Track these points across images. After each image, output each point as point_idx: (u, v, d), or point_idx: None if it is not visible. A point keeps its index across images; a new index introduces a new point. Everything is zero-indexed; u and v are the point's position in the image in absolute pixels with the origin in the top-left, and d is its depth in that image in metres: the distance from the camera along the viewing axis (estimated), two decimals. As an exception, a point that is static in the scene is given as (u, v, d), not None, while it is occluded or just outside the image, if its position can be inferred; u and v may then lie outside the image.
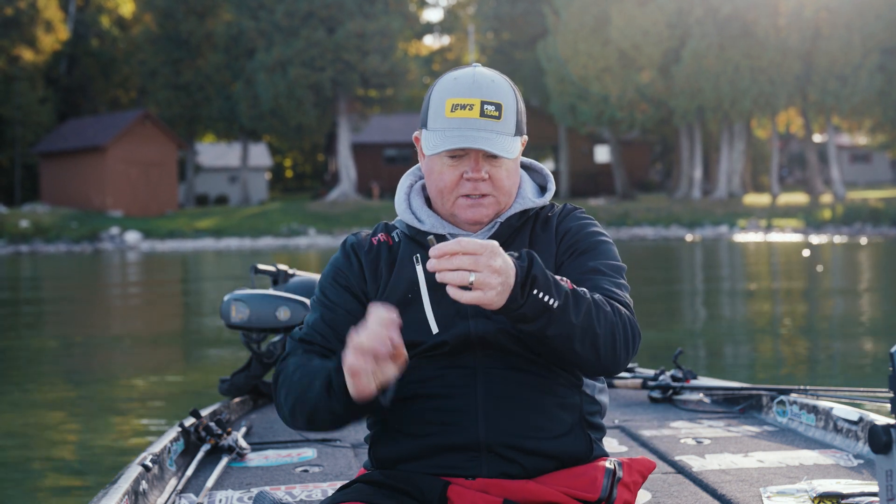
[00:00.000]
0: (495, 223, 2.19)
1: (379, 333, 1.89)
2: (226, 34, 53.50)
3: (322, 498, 2.70)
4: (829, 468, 2.87)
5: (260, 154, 65.72)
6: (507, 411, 2.10)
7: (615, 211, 46.71)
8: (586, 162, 62.66)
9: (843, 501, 2.48)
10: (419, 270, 2.13)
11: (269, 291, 4.03)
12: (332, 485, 2.87)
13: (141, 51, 56.59)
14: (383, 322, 1.90)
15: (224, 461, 3.09)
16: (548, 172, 2.32)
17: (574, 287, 1.97)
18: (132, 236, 43.90)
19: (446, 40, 74.00)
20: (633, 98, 49.59)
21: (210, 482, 2.86)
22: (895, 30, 46.20)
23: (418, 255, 2.14)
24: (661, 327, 11.60)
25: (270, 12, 51.85)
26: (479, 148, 2.07)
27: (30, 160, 56.76)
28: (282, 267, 4.31)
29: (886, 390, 3.09)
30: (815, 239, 36.24)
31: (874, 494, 2.44)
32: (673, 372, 4.03)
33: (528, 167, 2.34)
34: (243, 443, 3.24)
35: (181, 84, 54.79)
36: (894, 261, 24.47)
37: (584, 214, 2.27)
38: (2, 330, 14.07)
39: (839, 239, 35.92)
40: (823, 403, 3.31)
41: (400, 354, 1.92)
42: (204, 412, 3.48)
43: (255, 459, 3.21)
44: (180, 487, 2.82)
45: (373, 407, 2.00)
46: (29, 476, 5.77)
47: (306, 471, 3.05)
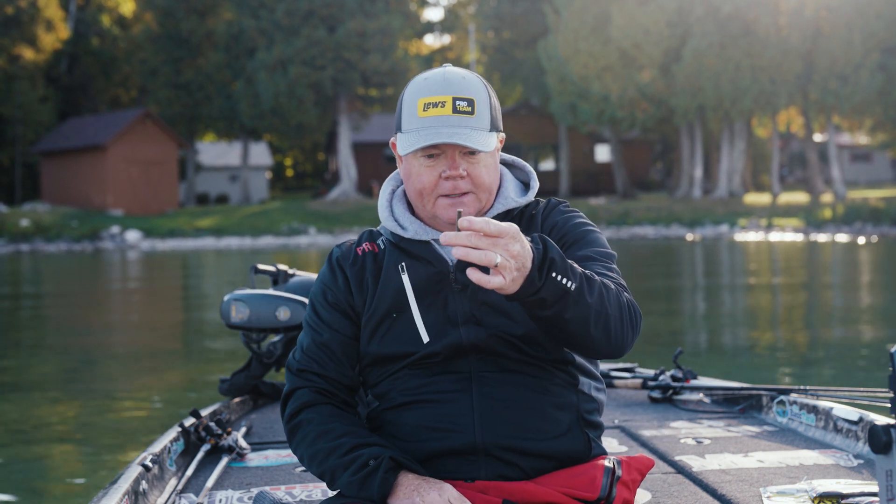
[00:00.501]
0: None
1: None
2: (226, 33, 53.50)
3: (322, 498, 2.70)
4: (829, 468, 2.86)
5: (260, 153, 65.72)
6: (504, 414, 2.10)
7: (616, 210, 46.70)
8: (587, 161, 62.65)
9: (843, 501, 2.48)
10: (405, 280, 2.13)
11: (269, 291, 4.03)
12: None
13: (141, 50, 56.60)
14: None
15: (224, 461, 3.08)
16: (530, 169, 2.29)
17: (584, 270, 1.96)
18: (133, 235, 43.90)
19: (447, 39, 74.02)
20: (634, 97, 49.58)
21: (210, 482, 2.85)
22: (895, 29, 46.19)
23: (403, 264, 2.14)
24: (662, 327, 11.60)
25: (271, 11, 51.84)
26: (454, 143, 2.04)
27: (30, 159, 56.78)
28: (282, 267, 4.30)
29: (886, 390, 3.09)
30: (816, 238, 36.24)
31: (874, 494, 2.44)
32: (673, 372, 4.02)
33: (511, 164, 2.31)
34: (243, 443, 3.23)
35: (182, 83, 54.80)
36: (894, 260, 24.46)
37: (569, 208, 2.25)
38: (1, 330, 14.07)
39: (840, 238, 35.90)
40: (823, 403, 3.30)
41: None
42: (204, 412, 3.48)
43: (255, 459, 3.20)
44: (180, 487, 2.82)
45: None
46: (29, 476, 5.77)
47: (306, 471, 3.04)
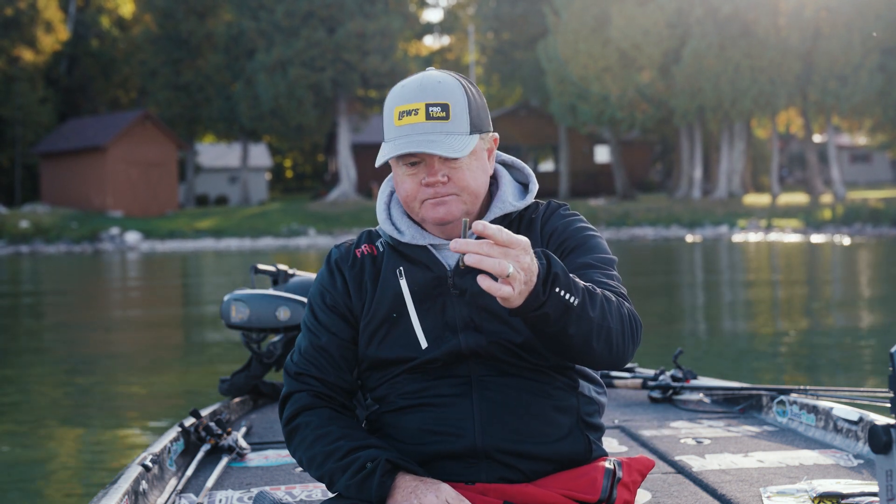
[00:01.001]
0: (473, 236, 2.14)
1: None
2: (226, 34, 53.51)
3: (322, 498, 2.70)
4: (829, 468, 2.87)
5: (260, 154, 65.73)
6: (504, 418, 2.10)
7: (615, 211, 46.70)
8: (586, 162, 62.65)
9: (843, 501, 2.48)
10: (403, 284, 2.12)
11: (269, 291, 4.03)
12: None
13: (141, 51, 56.60)
14: None
15: (224, 461, 3.08)
16: (529, 171, 2.27)
17: (585, 283, 1.94)
18: (132, 236, 43.89)
19: (446, 40, 73.99)
20: (634, 98, 49.58)
21: (210, 482, 2.85)
22: (895, 30, 46.19)
23: (401, 269, 2.14)
24: (662, 327, 11.60)
25: (270, 12, 51.84)
26: (423, 151, 2.03)
27: (30, 160, 56.76)
28: (282, 267, 4.30)
29: (886, 390, 3.09)
30: (816, 238, 36.24)
31: (874, 494, 2.44)
32: (673, 372, 4.02)
33: (510, 165, 2.29)
34: (243, 443, 3.24)
35: (181, 84, 54.80)
36: (894, 261, 24.46)
37: (569, 211, 2.23)
38: (1, 330, 14.07)
39: (839, 239, 35.91)
40: (823, 403, 3.31)
41: None
42: (204, 412, 3.48)
43: (255, 459, 3.20)
44: (180, 487, 2.82)
45: None
46: (29, 476, 5.77)
47: (305, 471, 3.04)
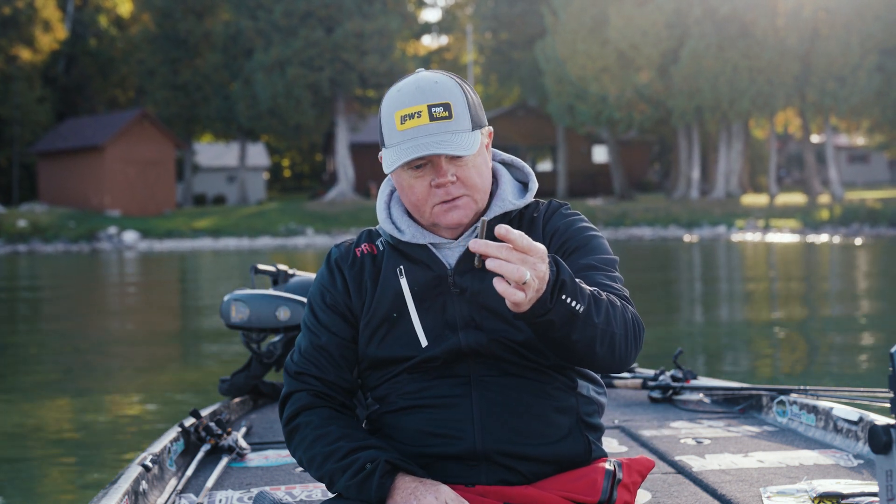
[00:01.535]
0: (475, 227, 2.14)
1: None
2: (224, 34, 53.49)
3: (322, 498, 2.70)
4: (829, 468, 2.87)
5: (258, 154, 65.71)
6: (503, 419, 2.09)
7: (613, 211, 46.72)
8: (584, 162, 62.67)
9: (843, 501, 2.48)
10: (404, 283, 2.13)
11: (269, 291, 4.03)
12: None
13: (139, 50, 56.59)
14: None
15: (224, 461, 3.08)
16: (529, 170, 2.26)
17: (591, 288, 1.94)
18: (130, 236, 43.88)
19: (444, 40, 73.97)
20: (632, 98, 49.60)
21: (210, 482, 2.85)
22: (893, 30, 46.23)
23: (402, 268, 2.14)
24: (661, 327, 11.60)
25: (269, 12, 51.83)
26: (435, 153, 2.03)
27: (28, 160, 56.73)
28: (282, 267, 4.30)
29: (886, 390, 3.09)
30: (814, 239, 36.27)
31: (874, 494, 2.44)
32: (673, 372, 4.02)
33: (509, 164, 2.28)
34: (243, 443, 3.23)
35: (179, 84, 54.77)
36: (893, 261, 24.48)
37: (571, 210, 2.23)
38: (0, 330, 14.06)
39: (837, 239, 35.94)
40: (823, 403, 3.31)
41: None
42: (204, 412, 3.48)
43: (255, 459, 3.20)
44: (180, 487, 2.82)
45: None
46: (29, 476, 5.76)
47: (306, 471, 3.04)
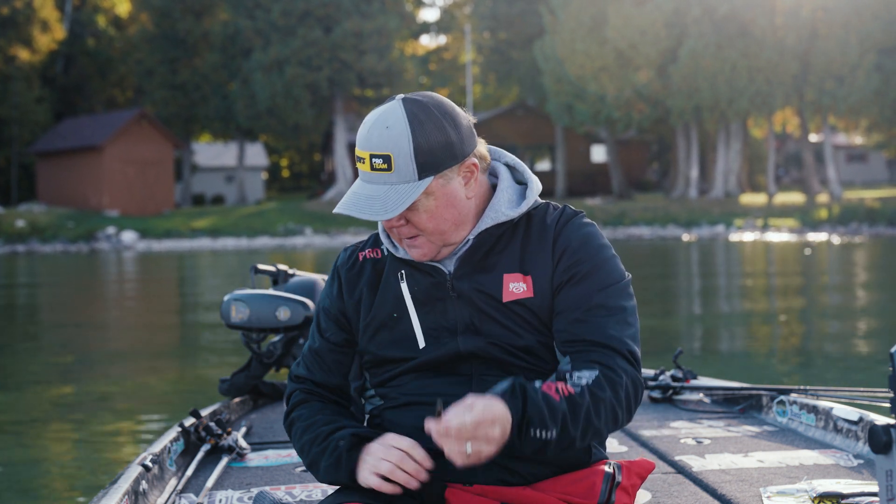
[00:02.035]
0: (467, 241, 2.13)
1: (399, 469, 2.00)
2: (222, 33, 53.48)
3: (322, 498, 2.70)
4: (829, 468, 2.87)
5: (256, 153, 65.69)
6: None
7: (612, 210, 46.73)
8: (583, 161, 62.67)
9: (843, 501, 2.48)
10: (404, 288, 2.14)
11: (269, 291, 4.03)
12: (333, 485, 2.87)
13: (137, 50, 56.57)
14: (402, 457, 2.00)
15: (224, 461, 3.08)
16: (529, 176, 2.22)
17: (570, 393, 1.95)
18: (129, 236, 43.86)
19: (443, 40, 73.97)
20: (630, 98, 49.61)
21: (210, 482, 2.85)
22: (892, 30, 46.25)
23: (402, 272, 2.15)
24: (661, 327, 11.60)
25: (267, 11, 51.83)
26: (354, 215, 2.06)
27: (26, 160, 56.72)
28: (282, 267, 4.30)
29: (886, 390, 3.09)
30: (812, 238, 36.29)
31: (874, 494, 2.44)
32: (673, 372, 4.02)
33: (513, 168, 2.25)
34: (243, 443, 3.23)
35: (178, 83, 54.76)
36: (891, 260, 24.50)
37: (585, 222, 2.18)
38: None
39: (836, 239, 35.96)
40: (823, 403, 3.31)
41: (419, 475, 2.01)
42: (204, 412, 3.48)
43: (255, 459, 3.20)
44: (180, 487, 2.82)
45: None
46: (29, 476, 5.76)
47: (306, 471, 3.04)
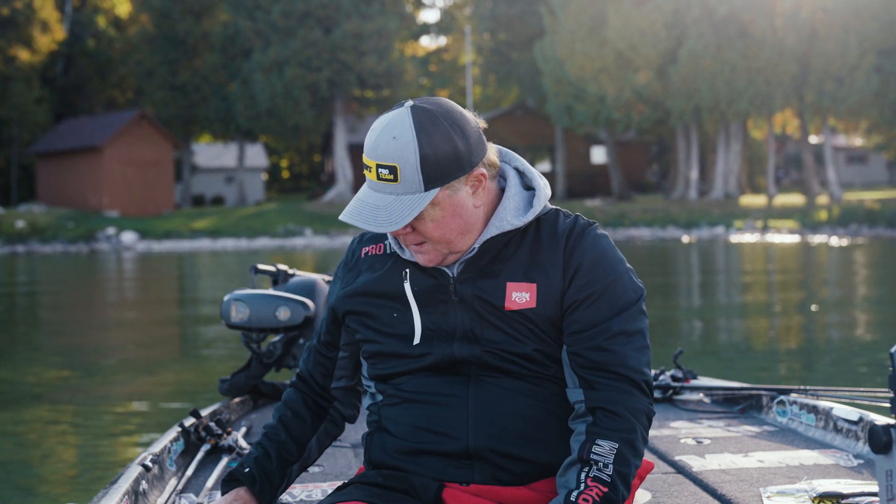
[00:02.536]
0: (472, 248, 2.12)
1: None
2: (222, 34, 53.48)
3: (322, 498, 2.70)
4: (829, 468, 2.87)
5: (256, 154, 65.70)
6: (499, 420, 2.10)
7: (611, 212, 46.73)
8: (583, 162, 62.69)
9: (843, 501, 2.48)
10: (407, 287, 2.15)
11: (269, 291, 4.03)
12: (332, 485, 2.88)
13: (137, 51, 56.57)
14: None
15: (224, 461, 3.09)
16: (537, 183, 2.20)
17: (604, 493, 1.98)
18: (128, 236, 43.87)
19: (443, 41, 73.96)
20: (630, 99, 49.62)
21: (210, 482, 2.86)
22: (891, 31, 46.26)
23: (407, 271, 2.16)
24: (661, 327, 11.60)
25: (267, 12, 51.83)
26: (358, 225, 2.06)
27: (26, 160, 56.72)
28: (282, 267, 4.30)
29: (886, 390, 3.09)
30: (812, 240, 36.29)
31: (874, 494, 2.44)
32: (673, 372, 4.03)
33: (523, 173, 2.23)
34: (243, 443, 3.24)
35: (178, 84, 54.76)
36: (891, 261, 24.51)
37: (599, 234, 2.16)
38: (-2, 330, 14.05)
39: (836, 240, 35.96)
40: (823, 403, 3.31)
41: None
42: (204, 412, 3.49)
43: (256, 459, 3.20)
44: (180, 487, 2.83)
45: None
46: (28, 476, 5.76)
47: (306, 471, 3.05)
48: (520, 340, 2.09)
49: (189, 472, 2.95)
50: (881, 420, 2.99)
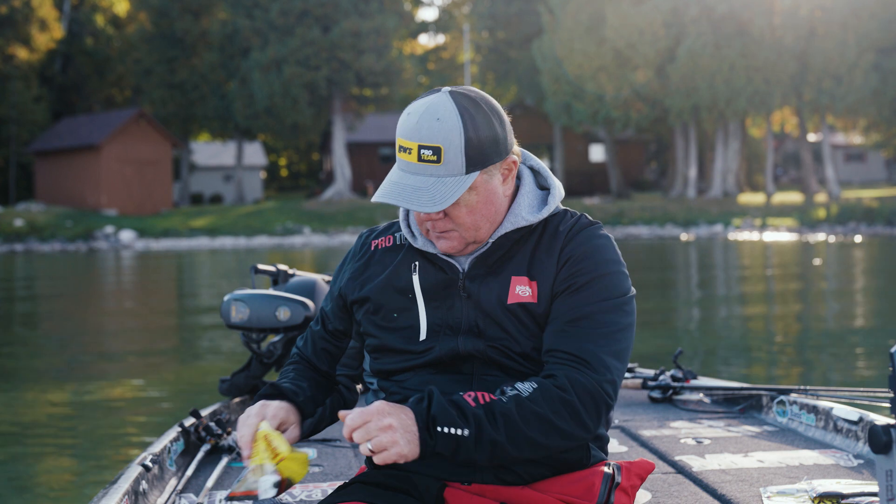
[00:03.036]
0: (486, 243, 2.13)
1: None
2: (221, 33, 53.45)
3: (322, 498, 2.70)
4: (829, 468, 2.87)
5: (255, 153, 65.68)
6: None
7: (610, 210, 46.74)
8: (581, 161, 62.69)
9: (843, 501, 2.48)
10: (415, 279, 2.14)
11: (269, 291, 4.03)
12: (332, 485, 2.88)
13: (136, 49, 56.53)
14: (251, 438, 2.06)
15: (224, 461, 3.09)
16: (552, 182, 2.22)
17: (489, 400, 1.94)
18: (127, 235, 43.84)
19: (441, 39, 73.98)
20: (629, 97, 49.63)
21: (210, 482, 2.86)
22: (890, 29, 46.29)
23: (416, 264, 2.16)
24: (661, 328, 11.61)
25: (265, 11, 51.80)
26: (402, 205, 2.05)
27: (25, 159, 56.70)
28: (282, 267, 4.30)
29: (886, 390, 3.10)
30: (811, 238, 36.30)
31: (874, 494, 2.44)
32: (673, 372, 4.03)
33: (538, 172, 2.24)
34: (243, 443, 3.23)
35: (176, 83, 54.73)
36: (890, 260, 24.52)
37: (599, 233, 2.16)
38: (-3, 329, 14.05)
39: (834, 238, 35.98)
40: (823, 403, 3.31)
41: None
42: (204, 412, 3.48)
43: (256, 459, 3.20)
44: (180, 487, 2.83)
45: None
46: (29, 476, 5.76)
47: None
48: (518, 340, 2.09)
49: (189, 472, 2.95)
50: (881, 420, 3.00)
